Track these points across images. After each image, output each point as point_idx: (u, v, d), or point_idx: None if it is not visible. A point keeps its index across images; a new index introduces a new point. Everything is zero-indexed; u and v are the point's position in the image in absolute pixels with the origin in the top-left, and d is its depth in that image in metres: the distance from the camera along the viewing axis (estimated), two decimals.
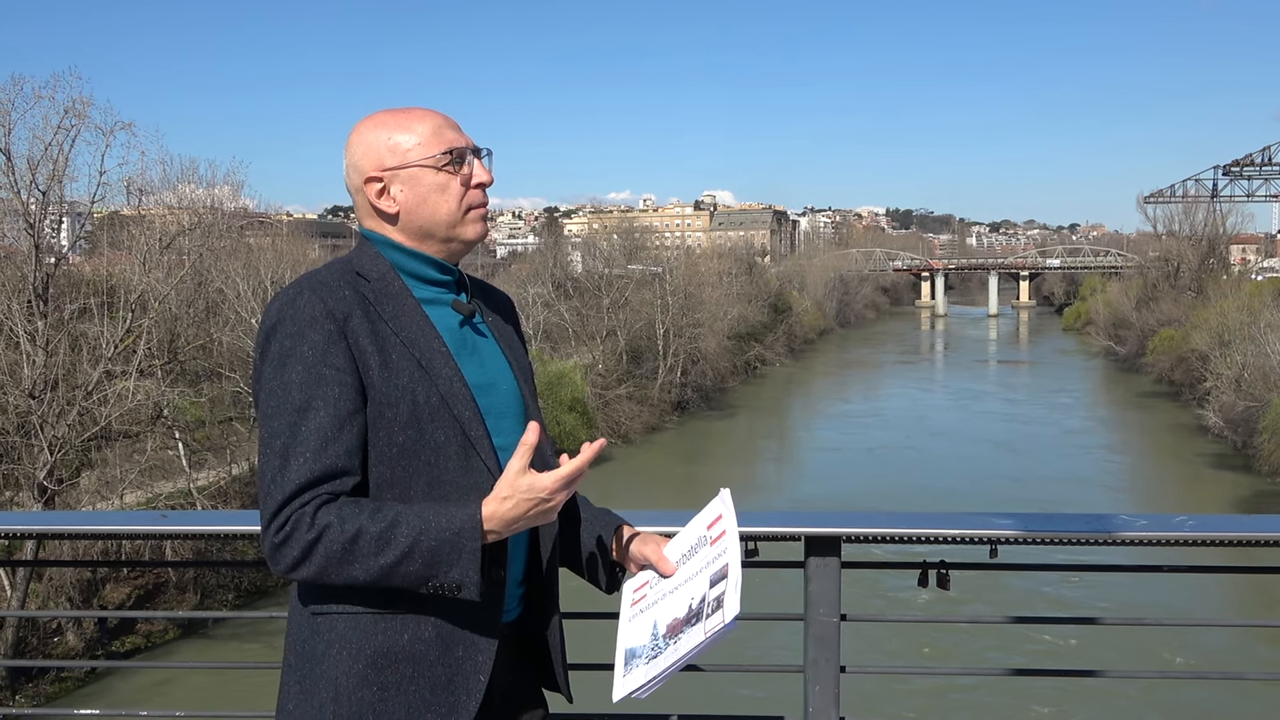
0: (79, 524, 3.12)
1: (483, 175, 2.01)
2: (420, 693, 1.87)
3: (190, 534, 2.89)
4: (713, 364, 55.33)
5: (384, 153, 1.97)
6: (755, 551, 2.78)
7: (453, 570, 1.78)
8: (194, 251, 31.18)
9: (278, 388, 1.83)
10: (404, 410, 1.87)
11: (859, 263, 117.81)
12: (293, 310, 1.85)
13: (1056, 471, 36.37)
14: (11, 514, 12.40)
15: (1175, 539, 2.64)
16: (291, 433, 1.81)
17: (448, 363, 1.92)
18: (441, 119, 2.00)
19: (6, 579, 22.48)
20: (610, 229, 70.05)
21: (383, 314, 1.91)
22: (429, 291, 2.01)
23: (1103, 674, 3.11)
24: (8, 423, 23.95)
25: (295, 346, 1.83)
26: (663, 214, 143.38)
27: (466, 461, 1.91)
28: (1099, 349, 71.71)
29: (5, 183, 26.22)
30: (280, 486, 1.79)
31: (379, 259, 1.99)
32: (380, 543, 1.76)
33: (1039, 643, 20.23)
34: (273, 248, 41.86)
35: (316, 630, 1.90)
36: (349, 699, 1.86)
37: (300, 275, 1.98)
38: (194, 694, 18.68)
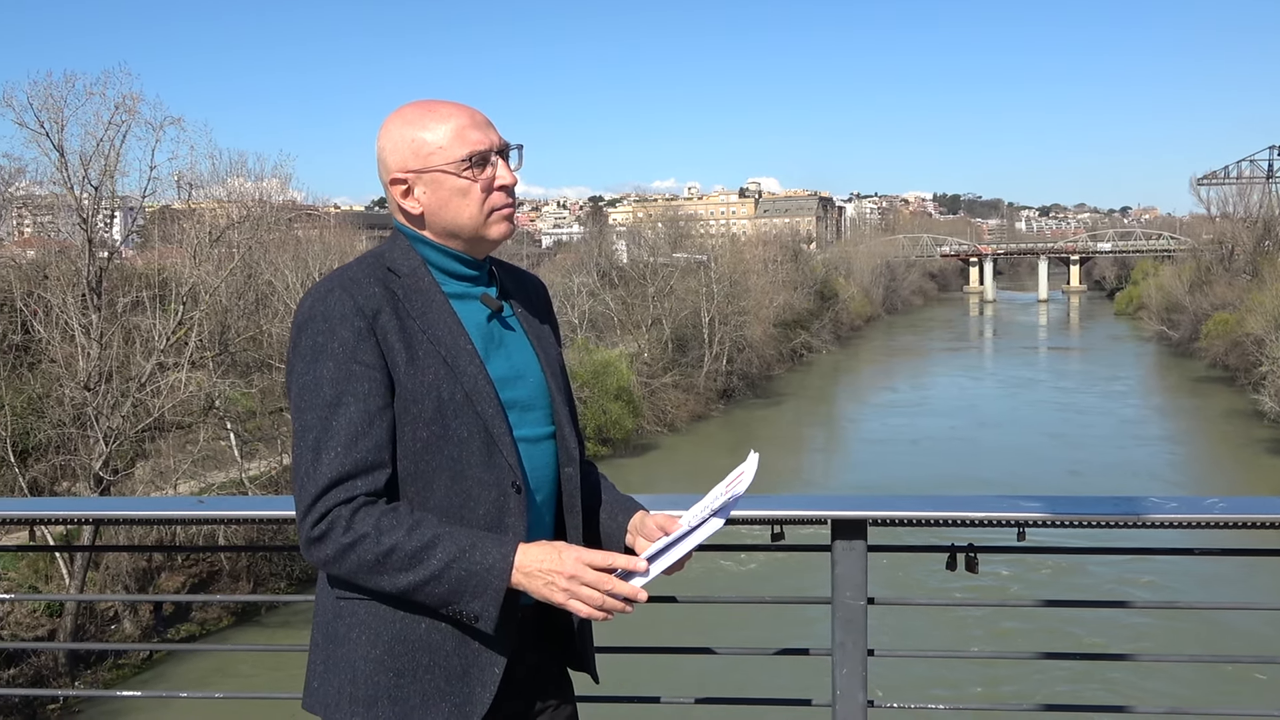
0: (119, 509, 3.20)
1: (505, 178, 2.01)
2: (435, 681, 1.91)
3: (227, 518, 2.95)
4: (758, 352, 55.14)
5: (407, 154, 1.99)
6: (781, 535, 2.79)
7: (475, 602, 1.82)
8: (243, 244, 31.48)
9: (310, 383, 1.88)
10: (428, 406, 1.91)
11: (906, 249, 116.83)
12: (323, 307, 1.90)
13: (1111, 462, 35.57)
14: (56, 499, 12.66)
15: (1206, 521, 2.61)
16: (323, 427, 1.86)
17: (473, 360, 1.95)
18: (466, 117, 1.99)
19: (65, 567, 22.92)
20: (655, 217, 69.84)
21: (411, 310, 1.95)
22: (458, 286, 2.04)
23: (1133, 658, 3.11)
24: (64, 414, 24.40)
25: (326, 343, 1.88)
26: (707, 202, 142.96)
27: (489, 457, 1.94)
28: (1151, 334, 70.56)
29: (59, 178, 26.76)
30: (314, 480, 1.85)
31: (410, 253, 2.02)
32: (412, 561, 1.81)
33: (1068, 626, 20.13)
34: (320, 240, 42.29)
35: (340, 613, 1.95)
36: (366, 682, 1.92)
37: (333, 271, 2.01)
38: (245, 683, 18.96)
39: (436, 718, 1.91)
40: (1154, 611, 18.62)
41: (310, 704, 1.99)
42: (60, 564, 23.06)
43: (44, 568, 23.21)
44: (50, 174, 27.30)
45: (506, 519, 1.95)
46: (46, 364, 25.67)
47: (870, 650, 2.73)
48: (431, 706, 1.91)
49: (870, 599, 2.72)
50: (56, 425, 24.38)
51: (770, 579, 23.07)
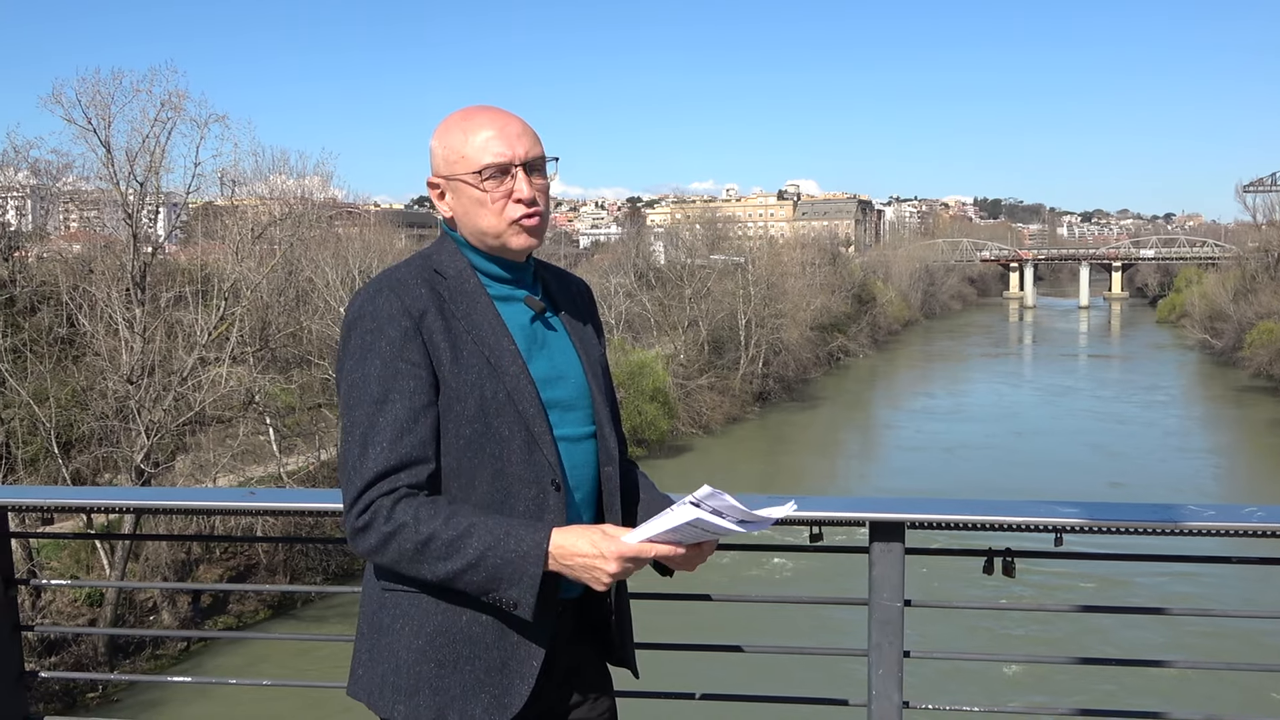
0: (172, 499, 3.26)
1: (522, 191, 2.04)
2: (475, 673, 1.97)
3: (277, 510, 3.00)
4: (795, 355, 54.99)
5: (440, 159, 2.08)
6: (820, 536, 2.82)
7: (512, 589, 1.86)
8: (285, 241, 31.73)
9: (358, 380, 1.95)
10: (471, 405, 1.97)
11: (945, 253, 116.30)
12: (372, 307, 1.97)
13: (1151, 473, 35.10)
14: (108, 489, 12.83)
15: (1244, 529, 2.60)
16: (370, 422, 1.93)
17: (515, 360, 2.01)
18: (495, 129, 2.04)
19: (106, 557, 23.23)
20: (693, 219, 69.75)
21: (456, 311, 2.01)
22: (502, 288, 2.10)
23: (1170, 664, 3.09)
24: (107, 407, 24.71)
25: (374, 342, 1.95)
26: (746, 204, 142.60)
27: (529, 455, 1.99)
28: (1194, 342, 69.75)
29: (105, 174, 27.08)
30: (360, 473, 1.91)
31: (457, 256, 2.09)
32: (450, 549, 1.86)
33: (1104, 631, 19.95)
34: (360, 237, 42.52)
35: (384, 604, 2.02)
36: (408, 672, 1.98)
37: (382, 271, 2.08)
38: (281, 675, 19.13)
39: (476, 708, 1.96)
40: (1190, 618, 18.44)
41: (355, 691, 2.05)
42: (101, 554, 23.36)
43: (86, 558, 23.53)
44: (97, 170, 27.65)
45: (546, 515, 1.99)
46: (91, 357, 26.00)
47: (906, 652, 2.75)
48: (471, 697, 1.96)
49: (907, 601, 2.74)
50: (100, 418, 24.70)
51: (807, 579, 23.04)
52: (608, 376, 2.22)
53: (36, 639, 19.99)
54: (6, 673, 3.05)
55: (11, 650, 3.08)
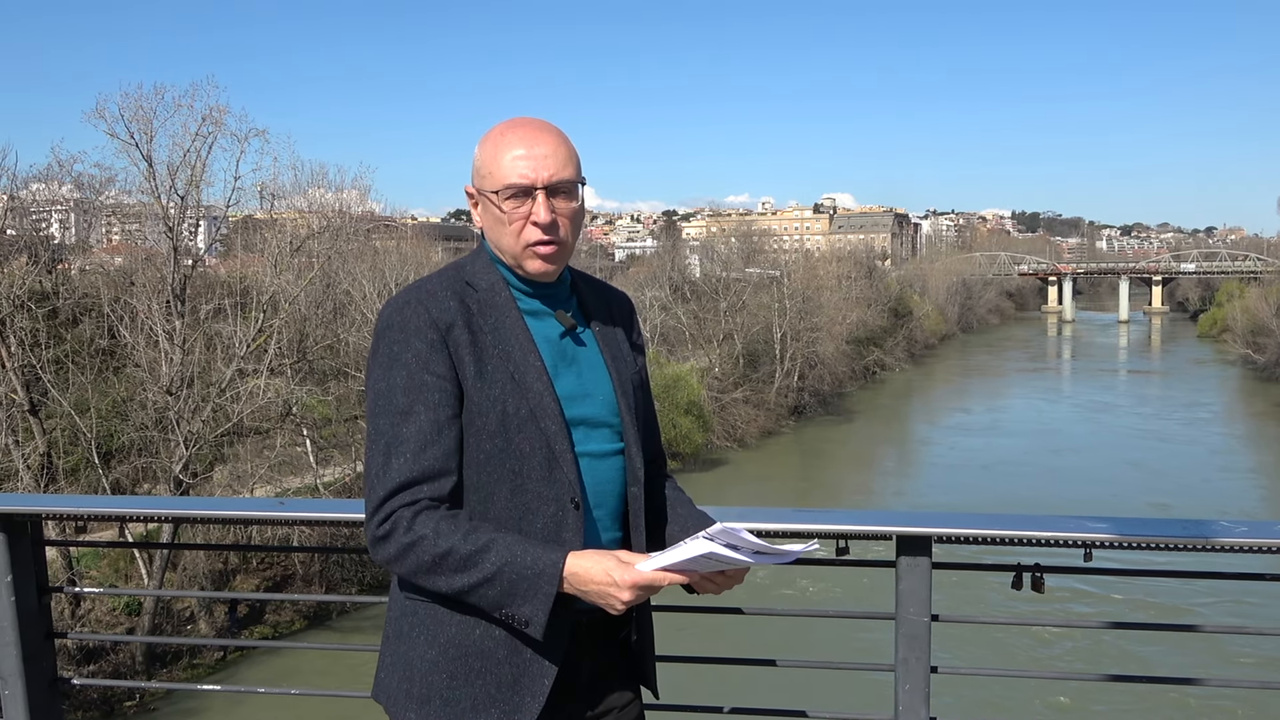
0: (206, 509, 3.30)
1: (539, 215, 2.01)
2: (486, 688, 1.97)
3: (307, 519, 3.03)
4: (830, 368, 54.75)
5: (474, 171, 2.08)
6: (846, 550, 2.80)
7: (525, 606, 1.86)
8: (323, 254, 31.97)
9: (384, 390, 1.96)
10: (493, 420, 1.97)
11: (982, 266, 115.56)
12: (400, 318, 1.98)
13: (1193, 492, 34.27)
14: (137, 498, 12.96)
15: (1277, 546, 2.57)
16: (394, 433, 1.94)
17: (540, 377, 2.01)
18: (524, 147, 2.02)
19: (145, 568, 23.46)
20: (728, 232, 69.78)
21: (484, 325, 2.01)
22: (534, 302, 2.09)
23: (1201, 682, 3.04)
24: (146, 418, 24.99)
25: (400, 353, 1.96)
26: (781, 217, 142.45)
27: (549, 473, 1.99)
28: (1236, 357, 68.85)
29: (147, 188, 27.41)
30: (383, 483, 1.93)
31: (491, 268, 2.09)
32: (466, 564, 1.87)
33: (1134, 648, 19.70)
34: (398, 250, 42.82)
35: (404, 613, 2.05)
36: (422, 681, 2.00)
37: (413, 282, 2.09)
38: (317, 685, 19.23)
39: None
40: (1222, 635, 18.20)
41: (376, 693, 2.09)
42: (140, 564, 23.61)
43: (124, 567, 23.80)
44: (139, 183, 27.97)
45: (564, 533, 1.99)
46: (131, 368, 26.30)
47: (934, 667, 2.73)
48: (481, 711, 1.98)
49: (934, 616, 2.71)
50: (139, 428, 24.97)
51: (834, 594, 22.92)
52: (644, 393, 2.22)
53: (76, 647, 20.23)
54: (39, 679, 3.09)
55: (45, 657, 3.12)
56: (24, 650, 3.04)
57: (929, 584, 2.69)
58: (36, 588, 3.09)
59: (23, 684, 3.04)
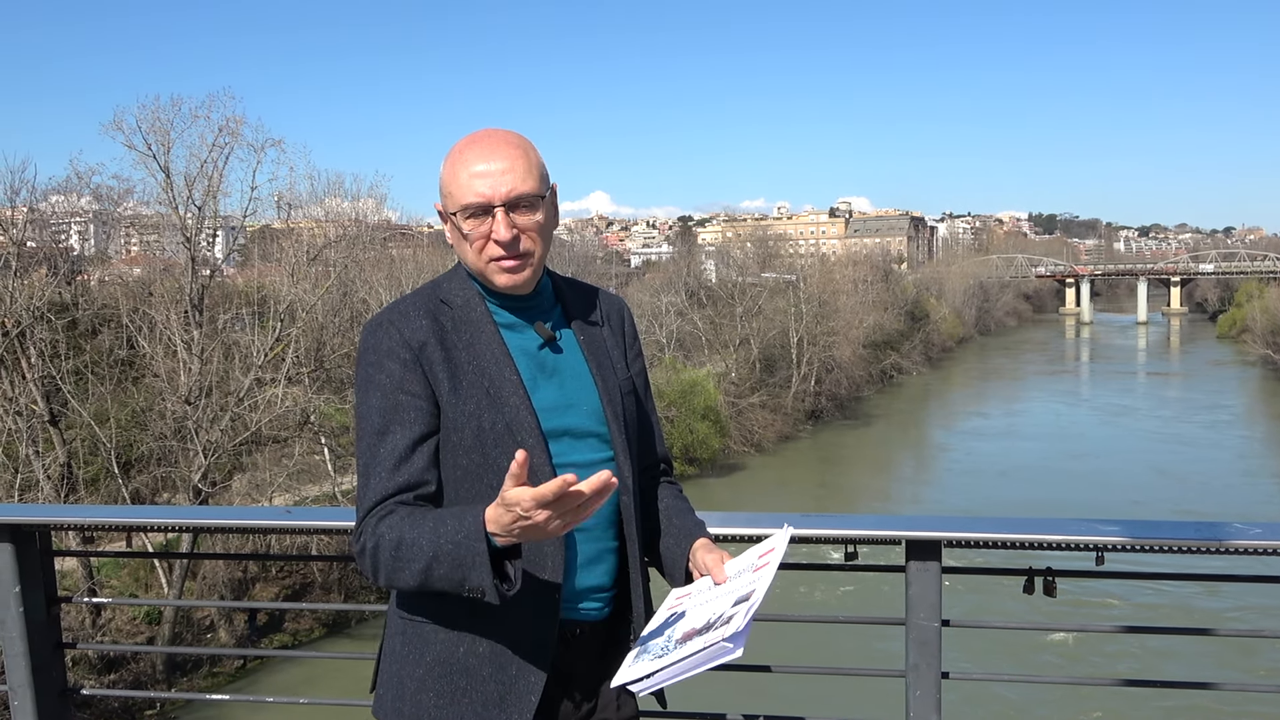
0: (215, 518, 3.29)
1: (499, 233, 1.97)
2: (473, 706, 1.97)
3: (312, 529, 3.03)
4: (847, 373, 54.68)
5: (440, 190, 2.05)
6: (855, 555, 2.78)
7: (472, 574, 1.78)
8: (339, 263, 32.11)
9: (364, 412, 1.99)
10: (469, 435, 1.97)
11: (999, 269, 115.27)
12: (374, 341, 2.00)
13: (1219, 500, 33.78)
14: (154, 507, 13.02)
15: None
16: (371, 454, 1.96)
17: (516, 391, 1.99)
18: (482, 164, 1.97)
19: (164, 577, 23.57)
20: (744, 237, 69.91)
21: (459, 341, 2.01)
22: (512, 315, 2.08)
23: (1216, 686, 3.00)
24: (165, 427, 25.13)
25: (375, 375, 1.98)
26: (797, 221, 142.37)
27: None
28: (1255, 358, 68.48)
29: (165, 199, 27.62)
30: (361, 504, 1.96)
31: (466, 284, 2.09)
32: (415, 549, 1.85)
33: (1147, 652, 19.58)
34: (414, 259, 42.96)
35: (397, 631, 2.06)
36: (411, 699, 2.01)
37: (389, 304, 2.10)
38: (335, 694, 19.26)
39: None
40: (1236, 639, 18.12)
41: (375, 709, 2.09)
42: (160, 574, 23.73)
43: (144, 576, 23.91)
44: (156, 194, 28.21)
45: (545, 548, 1.97)
46: (150, 378, 26.47)
47: (944, 673, 2.70)
48: None
49: (945, 621, 2.69)
50: (158, 438, 25.12)
51: (844, 598, 22.87)
52: (635, 399, 2.19)
53: (97, 656, 20.34)
54: (49, 690, 3.09)
55: (54, 667, 3.12)
56: (33, 661, 3.04)
57: (939, 589, 2.67)
58: (45, 598, 3.09)
59: (32, 695, 3.05)
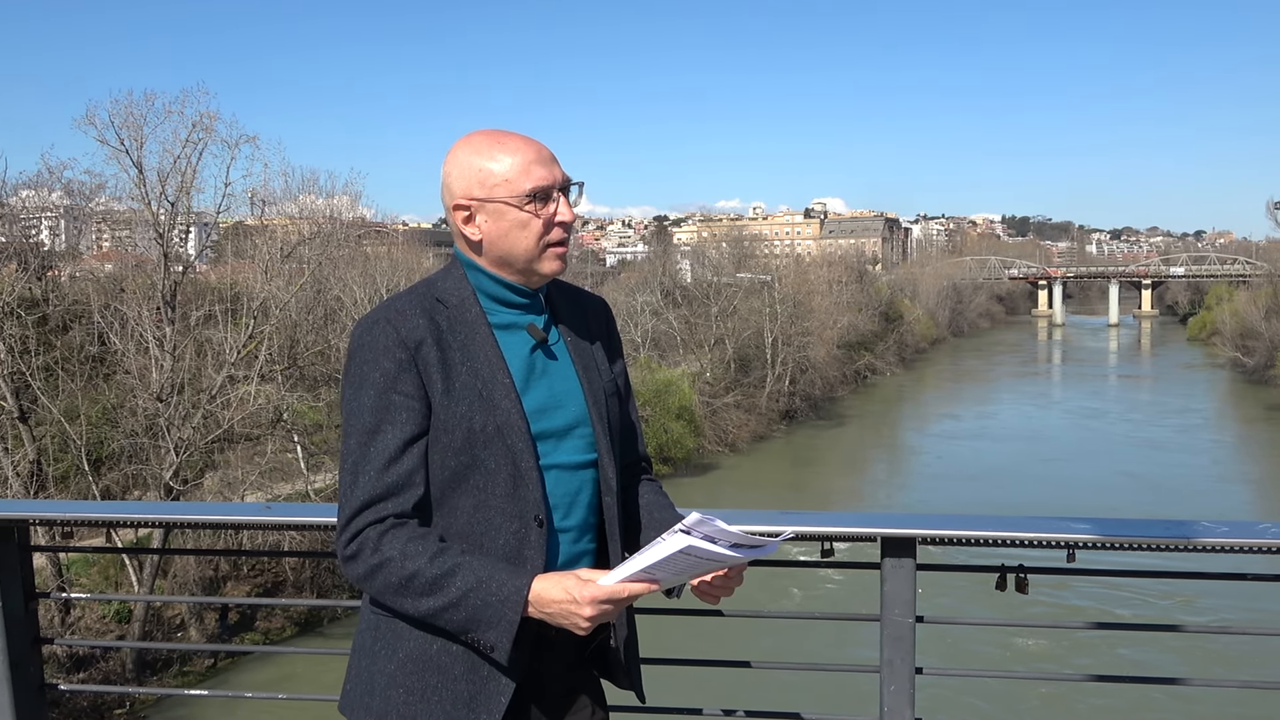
0: (190, 514, 3.30)
1: (565, 215, 2.05)
2: (443, 704, 1.98)
3: (296, 524, 3.04)
4: (821, 373, 54.83)
5: (473, 182, 2.03)
6: (831, 552, 2.81)
7: (489, 632, 1.86)
8: (313, 260, 31.96)
9: (354, 410, 1.99)
10: (459, 436, 1.98)
11: (973, 270, 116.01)
12: (369, 338, 1.99)
13: (1192, 505, 33.65)
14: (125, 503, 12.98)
15: (1259, 546, 2.58)
16: (362, 452, 1.97)
17: (508, 394, 2.01)
18: (533, 152, 2.02)
19: (135, 575, 23.40)
20: (719, 237, 69.90)
21: (454, 342, 2.01)
22: (507, 315, 2.09)
23: (1185, 682, 3.06)
24: (137, 425, 24.94)
25: (369, 372, 1.98)
26: (772, 222, 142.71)
27: (514, 490, 1.99)
28: (1225, 360, 69.09)
29: (137, 194, 27.37)
30: (350, 501, 1.96)
31: (463, 283, 2.09)
32: (432, 588, 1.88)
33: (1118, 648, 19.77)
34: (389, 256, 42.78)
35: (370, 626, 2.06)
36: (381, 695, 2.01)
37: (383, 301, 2.09)
38: (312, 688, 19.20)
39: None
40: (1206, 636, 18.36)
41: (342, 706, 2.09)
42: (130, 571, 23.55)
43: (114, 574, 23.72)
44: (129, 190, 27.96)
45: (526, 551, 1.99)
46: (121, 375, 26.24)
47: (918, 669, 2.74)
48: None
49: (919, 617, 2.73)
50: (129, 435, 24.92)
51: (819, 595, 22.98)
52: (619, 400, 2.21)
53: (66, 654, 20.17)
54: (26, 686, 3.09)
55: (32, 664, 3.12)
56: (10, 656, 3.04)
57: (914, 585, 2.71)
58: (23, 594, 3.09)
59: (10, 691, 3.04)
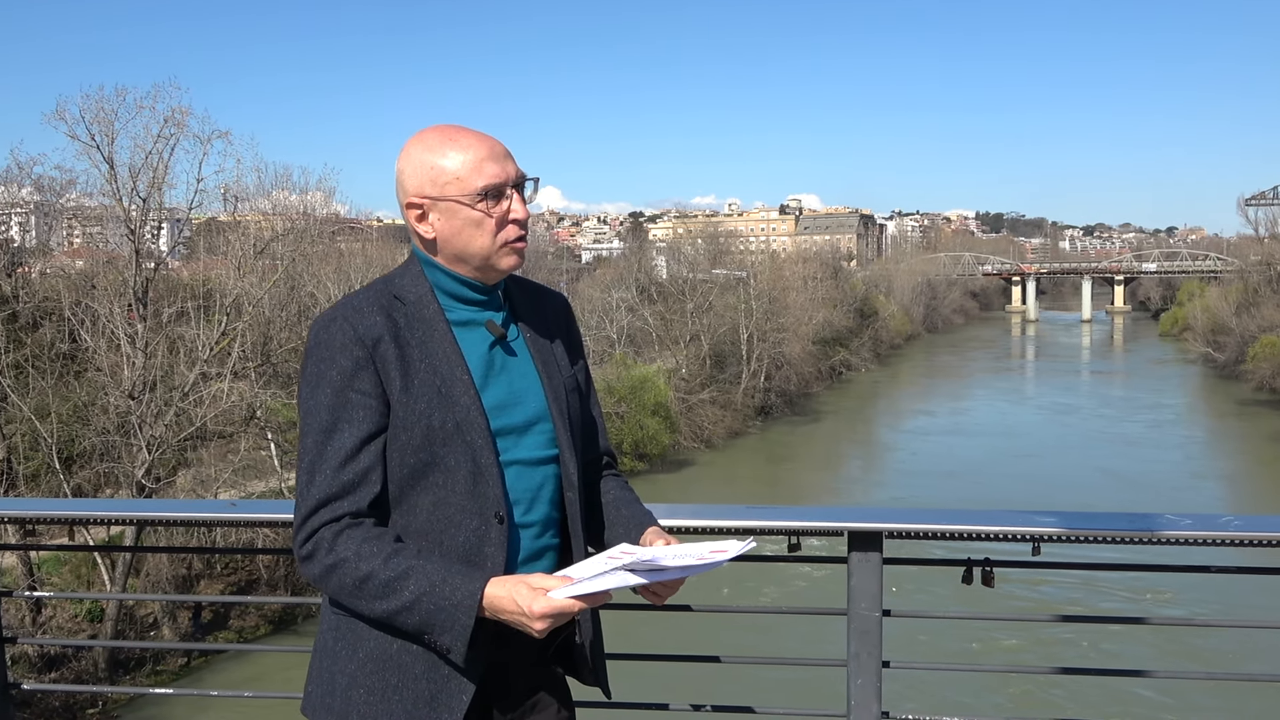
0: (152, 511, 3.28)
1: (519, 211, 2.03)
2: (404, 703, 1.96)
3: (256, 521, 3.02)
4: (797, 369, 54.97)
5: (425, 180, 2.02)
6: (798, 546, 2.82)
7: (444, 635, 1.85)
8: (287, 256, 31.80)
9: (311, 408, 1.97)
10: (418, 434, 1.96)
11: (947, 267, 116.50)
12: (326, 336, 1.97)
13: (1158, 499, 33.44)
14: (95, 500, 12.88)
15: (1221, 539, 2.61)
16: (318, 451, 1.94)
17: (467, 390, 1.99)
18: (485, 149, 2.01)
19: (106, 573, 23.23)
20: (694, 233, 69.93)
21: (412, 339, 2.00)
22: (465, 312, 2.08)
23: (1149, 674, 3.09)
24: (108, 422, 24.75)
25: (326, 370, 1.96)
26: (747, 218, 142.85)
27: (474, 487, 1.98)
28: (1196, 356, 69.70)
29: (108, 190, 27.19)
30: (305, 500, 1.93)
31: (420, 280, 2.07)
32: (386, 590, 1.86)
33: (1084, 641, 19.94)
34: (363, 253, 42.71)
35: (331, 626, 2.04)
36: (341, 695, 1.99)
37: (341, 298, 2.07)
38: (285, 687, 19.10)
39: None
40: (1170, 628, 18.59)
41: (304, 707, 2.07)
42: (102, 570, 23.36)
43: (86, 573, 23.53)
44: (100, 186, 27.77)
45: (486, 548, 1.98)
46: (92, 372, 26.05)
47: (885, 662, 2.75)
48: None
49: (886, 611, 2.74)
50: (101, 433, 24.73)
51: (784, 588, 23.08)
52: (580, 396, 2.20)
53: (37, 654, 20.01)
54: None
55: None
56: None
57: (880, 579, 2.72)
58: None
59: None
